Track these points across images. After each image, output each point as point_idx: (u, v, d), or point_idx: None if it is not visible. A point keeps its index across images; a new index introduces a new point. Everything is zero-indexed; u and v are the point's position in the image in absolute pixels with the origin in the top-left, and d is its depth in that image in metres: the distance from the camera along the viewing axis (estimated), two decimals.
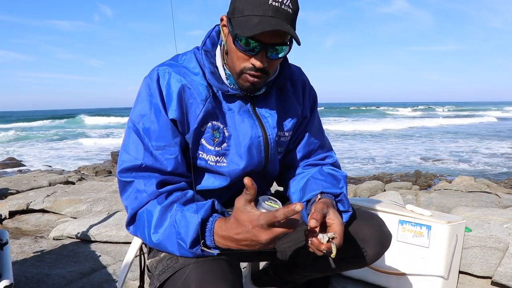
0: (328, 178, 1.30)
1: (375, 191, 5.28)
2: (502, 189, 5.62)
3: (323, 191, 1.22)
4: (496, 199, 4.06)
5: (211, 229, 1.00)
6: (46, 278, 2.15)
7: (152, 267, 1.11)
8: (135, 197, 1.10)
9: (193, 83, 1.16)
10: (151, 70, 1.20)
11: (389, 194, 3.69)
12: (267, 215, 0.89)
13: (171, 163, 1.13)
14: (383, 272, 1.98)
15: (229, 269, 1.01)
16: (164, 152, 1.12)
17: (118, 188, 1.25)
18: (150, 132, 1.12)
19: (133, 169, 1.11)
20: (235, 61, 1.12)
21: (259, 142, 1.23)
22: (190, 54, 1.22)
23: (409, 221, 1.90)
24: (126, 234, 2.78)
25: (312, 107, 1.39)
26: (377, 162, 11.47)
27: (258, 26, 1.01)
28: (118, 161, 1.15)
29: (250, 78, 1.12)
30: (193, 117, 1.16)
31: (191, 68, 1.18)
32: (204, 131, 1.18)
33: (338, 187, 1.26)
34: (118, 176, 1.13)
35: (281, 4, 1.04)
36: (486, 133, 20.58)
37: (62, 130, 27.08)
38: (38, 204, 3.73)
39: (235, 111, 1.21)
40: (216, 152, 1.20)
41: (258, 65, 1.09)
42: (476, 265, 2.18)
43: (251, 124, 1.22)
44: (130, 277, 2.16)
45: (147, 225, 1.07)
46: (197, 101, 1.15)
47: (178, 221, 1.02)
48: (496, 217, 2.69)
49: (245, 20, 1.04)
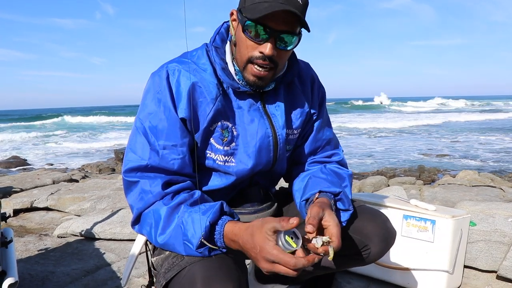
0: (330, 176, 1.28)
1: (378, 186, 5.27)
2: (506, 183, 5.60)
3: (322, 190, 1.20)
4: (500, 193, 4.04)
5: (220, 231, 1.01)
6: (51, 276, 2.16)
7: (158, 265, 1.11)
8: (141, 197, 1.09)
9: (204, 81, 1.14)
10: (159, 67, 1.18)
11: (393, 189, 3.69)
12: (277, 255, 0.90)
13: (177, 163, 1.12)
14: (388, 267, 1.97)
15: (235, 266, 1.02)
16: (172, 151, 1.11)
17: (122, 186, 1.25)
18: (158, 131, 1.11)
19: (139, 169, 1.11)
20: (243, 51, 1.10)
21: (269, 142, 1.22)
22: (200, 51, 1.20)
23: (413, 216, 1.89)
24: (130, 231, 2.78)
25: (321, 103, 1.38)
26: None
27: (268, 8, 1.01)
28: (124, 160, 1.14)
29: (256, 69, 1.10)
30: (203, 116, 1.14)
31: (201, 65, 1.16)
32: (213, 130, 1.17)
33: (339, 185, 1.25)
34: (123, 175, 1.13)
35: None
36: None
37: (65, 128, 27.13)
38: (42, 202, 3.74)
39: (245, 109, 1.19)
40: (225, 151, 1.19)
41: (267, 53, 1.07)
42: (481, 259, 2.17)
43: (261, 123, 1.20)
44: (134, 274, 2.16)
45: (154, 226, 1.07)
46: (207, 100, 1.13)
47: (185, 223, 1.02)
48: (501, 211, 2.68)
49: (254, 6, 1.04)
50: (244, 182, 1.28)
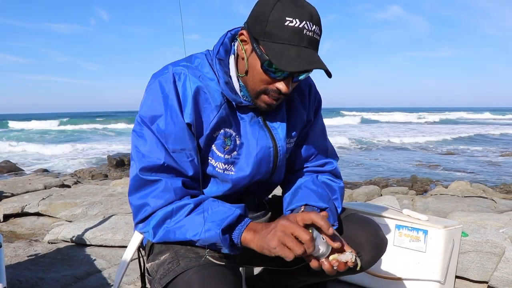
0: (320, 188, 1.29)
1: (371, 196, 5.29)
2: (497, 194, 5.64)
3: (308, 204, 1.21)
4: (492, 204, 4.07)
5: (244, 225, 1.05)
6: (40, 282, 2.13)
7: (153, 271, 1.10)
8: (160, 196, 1.08)
9: (209, 88, 1.13)
10: (162, 68, 1.17)
11: (385, 199, 3.70)
12: (297, 228, 0.95)
13: (189, 166, 1.12)
14: (380, 277, 1.97)
15: (231, 274, 1.02)
16: (181, 155, 1.11)
17: (114, 192, 1.24)
18: (166, 135, 1.10)
19: (155, 168, 1.09)
20: (257, 82, 1.10)
21: (270, 153, 1.22)
22: (202, 59, 1.18)
23: (405, 226, 1.89)
24: (122, 238, 2.76)
25: (316, 110, 1.38)
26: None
27: (297, 61, 1.00)
28: (136, 159, 1.11)
29: (269, 100, 1.11)
30: (207, 122, 1.14)
31: (205, 73, 1.15)
32: (216, 137, 1.17)
33: (327, 200, 1.25)
34: (139, 174, 1.09)
35: (313, 33, 1.03)
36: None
37: (57, 133, 26.94)
38: (33, 207, 3.70)
39: (246, 120, 1.20)
40: (225, 160, 1.19)
41: (284, 91, 1.08)
42: (473, 270, 2.18)
43: (261, 135, 1.20)
44: (125, 281, 2.14)
45: (169, 217, 1.08)
46: (212, 107, 1.13)
47: (215, 207, 1.07)
48: (492, 222, 2.69)
49: (280, 49, 1.02)
50: (240, 191, 1.28)
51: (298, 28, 1.01)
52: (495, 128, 29.10)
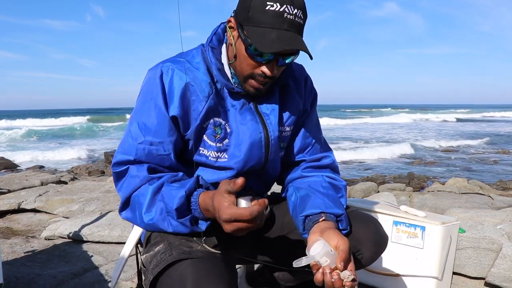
0: (329, 191, 1.28)
1: (368, 192, 5.30)
2: (494, 190, 5.66)
3: (324, 211, 1.19)
4: (489, 200, 4.09)
5: (196, 201, 1.05)
6: (37, 278, 2.12)
7: (147, 262, 1.11)
8: (128, 183, 1.14)
9: (196, 80, 1.16)
10: (155, 65, 1.21)
11: (383, 195, 3.70)
12: (231, 212, 0.92)
13: (163, 159, 1.15)
14: (377, 273, 1.97)
15: (226, 269, 1.03)
16: (158, 148, 1.15)
17: (111, 189, 1.27)
18: (147, 128, 1.14)
19: (126, 163, 1.15)
20: (244, 67, 1.13)
21: (260, 138, 1.23)
22: (196, 51, 1.23)
23: (403, 222, 1.90)
24: (119, 234, 2.76)
25: (312, 102, 1.40)
26: None
27: (277, 43, 1.03)
28: (114, 155, 1.18)
29: (256, 85, 1.14)
30: (196, 114, 1.16)
31: (195, 64, 1.19)
32: (206, 127, 1.19)
33: (339, 204, 1.23)
34: (112, 169, 1.17)
35: (295, 17, 1.06)
36: None
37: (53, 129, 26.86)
38: (29, 203, 3.69)
39: (237, 108, 1.22)
40: (217, 148, 1.21)
41: (269, 74, 1.11)
42: (470, 266, 2.19)
43: (253, 121, 1.22)
44: (123, 278, 2.14)
45: (140, 207, 1.12)
46: (200, 98, 1.16)
47: (166, 196, 1.08)
48: (489, 218, 2.71)
49: (261, 32, 1.05)
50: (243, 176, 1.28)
51: (279, 11, 1.04)
52: (490, 125, 29.11)
